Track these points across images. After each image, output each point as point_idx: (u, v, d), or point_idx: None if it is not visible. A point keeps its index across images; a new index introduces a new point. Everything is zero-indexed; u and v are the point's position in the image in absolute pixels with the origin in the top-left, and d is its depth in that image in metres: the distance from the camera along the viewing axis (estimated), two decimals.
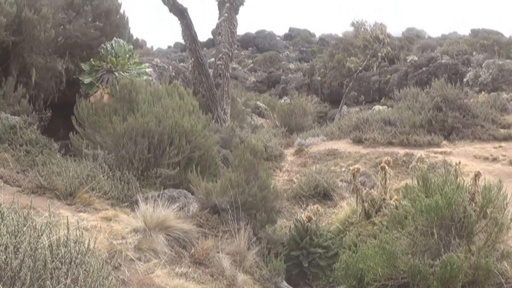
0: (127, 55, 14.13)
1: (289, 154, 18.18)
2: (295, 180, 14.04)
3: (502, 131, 17.18)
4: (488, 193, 6.36)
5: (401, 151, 15.35)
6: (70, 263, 3.76)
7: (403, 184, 9.83)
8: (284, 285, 7.82)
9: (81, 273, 3.75)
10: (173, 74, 18.52)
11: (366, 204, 9.07)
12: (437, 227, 6.16)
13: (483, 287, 5.96)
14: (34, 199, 7.18)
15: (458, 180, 7.09)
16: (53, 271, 3.62)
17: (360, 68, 34.55)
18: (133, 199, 8.19)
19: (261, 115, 31.45)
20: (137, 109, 10.52)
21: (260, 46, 60.56)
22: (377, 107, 27.73)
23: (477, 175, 7.47)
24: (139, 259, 6.10)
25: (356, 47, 37.18)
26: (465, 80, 28.00)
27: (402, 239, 6.58)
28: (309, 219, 8.52)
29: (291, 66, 49.73)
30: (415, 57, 33.83)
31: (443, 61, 31.09)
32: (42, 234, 3.84)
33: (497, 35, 38.15)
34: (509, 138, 16.45)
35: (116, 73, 13.41)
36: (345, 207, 10.32)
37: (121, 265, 5.75)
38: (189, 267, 6.42)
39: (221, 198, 7.86)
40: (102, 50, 13.89)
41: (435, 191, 6.41)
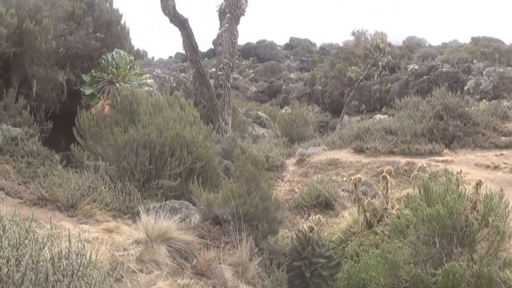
0: (128, 66, 14.17)
1: (290, 164, 18.17)
2: (296, 190, 14.02)
3: (503, 138, 17.17)
4: (489, 201, 6.36)
5: (402, 160, 15.33)
6: (72, 276, 3.76)
7: (404, 193, 9.81)
8: None
9: (83, 285, 3.75)
10: (174, 85, 18.56)
11: (367, 214, 9.06)
12: (439, 236, 6.16)
13: None
14: (35, 211, 7.17)
15: (460, 189, 7.09)
16: (55, 283, 3.63)
17: (361, 77, 34.60)
18: (134, 211, 8.18)
19: (262, 125, 31.49)
20: (138, 120, 10.53)
21: (261, 56, 60.66)
22: (378, 116, 27.76)
23: (479, 183, 7.46)
24: (141, 270, 6.08)
25: (356, 56, 37.26)
26: (466, 88, 28.04)
27: (404, 248, 6.57)
28: (311, 229, 8.50)
29: (292, 75, 49.80)
30: (416, 65, 33.87)
31: (443, 69, 31.14)
32: (43, 247, 3.84)
33: (497, 43, 38.19)
34: (510, 145, 16.43)
35: (117, 84, 13.44)
36: (347, 216, 10.31)
37: (123, 277, 5.74)
38: (191, 279, 6.41)
39: (222, 209, 7.85)
40: (103, 61, 13.94)
41: (436, 200, 6.41)
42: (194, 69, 19.60)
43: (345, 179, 14.36)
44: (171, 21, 19.14)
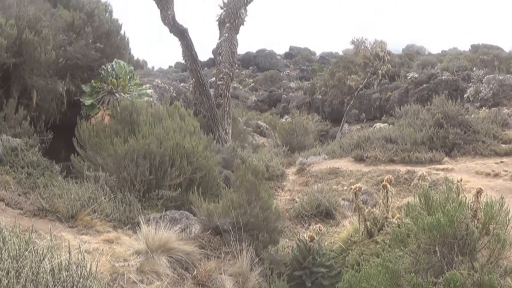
0: (128, 77, 14.19)
1: (290, 173, 18.16)
2: (297, 200, 14.00)
3: (503, 146, 17.16)
4: (490, 209, 6.34)
5: (402, 169, 15.31)
6: (72, 287, 3.75)
7: (405, 202, 9.80)
8: None
9: None
10: (174, 95, 18.61)
11: (368, 223, 9.04)
12: (439, 244, 6.14)
13: None
14: (35, 221, 7.16)
15: (460, 197, 7.08)
16: None
17: (361, 85, 34.61)
18: (135, 221, 8.18)
19: (262, 134, 31.46)
20: (138, 130, 10.54)
21: (260, 65, 60.70)
22: (378, 124, 27.76)
23: (479, 191, 7.45)
24: (142, 281, 6.08)
25: (356, 65, 37.28)
26: (465, 96, 28.04)
27: (405, 257, 6.55)
28: (312, 238, 8.49)
29: (292, 84, 49.80)
30: (416, 74, 33.90)
31: (443, 77, 31.16)
32: (44, 258, 3.84)
33: (497, 50, 38.28)
34: (510, 153, 16.41)
35: (117, 95, 13.46)
36: (348, 226, 10.29)
37: None
38: None
39: (223, 219, 7.84)
40: (102, 72, 13.97)
41: (437, 209, 6.40)
42: (194, 79, 19.64)
43: (345, 188, 14.34)
44: (171, 31, 19.18)
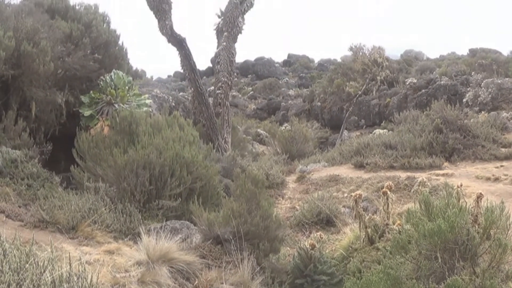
0: (127, 87, 14.21)
1: (291, 181, 18.14)
2: (297, 208, 13.98)
3: (503, 150, 17.13)
4: (490, 214, 6.35)
5: (402, 175, 15.30)
6: None
7: (405, 208, 9.81)
8: None
9: None
10: (173, 105, 18.62)
11: (369, 230, 9.03)
12: (440, 250, 6.13)
13: None
14: (36, 233, 7.17)
15: (461, 203, 7.07)
16: None
17: (360, 92, 34.62)
18: (135, 232, 8.18)
19: (262, 142, 31.44)
20: (137, 141, 10.55)
21: (259, 73, 60.75)
22: (377, 131, 27.73)
23: (479, 196, 7.45)
24: None
25: (355, 72, 37.31)
26: (464, 100, 28.03)
27: (406, 264, 6.55)
28: (313, 246, 8.48)
29: (291, 92, 49.84)
30: (414, 79, 33.86)
31: (442, 82, 31.14)
32: (44, 271, 3.84)
33: (495, 54, 38.33)
34: (510, 157, 16.39)
35: (116, 105, 13.48)
36: (348, 233, 10.28)
37: None
38: None
39: (223, 229, 7.84)
40: (101, 82, 13.98)
41: (437, 214, 6.39)
42: (192, 88, 19.65)
43: (345, 195, 14.33)
44: (169, 41, 19.21)
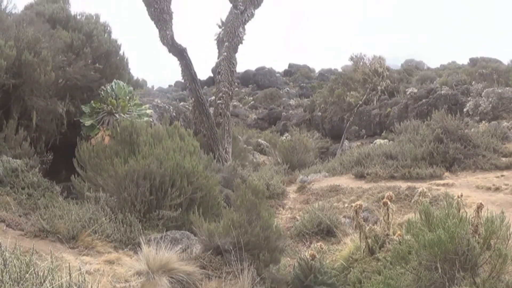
0: (128, 97, 14.24)
1: (291, 191, 18.14)
2: (298, 218, 13.98)
3: (503, 159, 17.12)
4: (491, 224, 6.35)
5: (403, 185, 15.29)
6: None
7: (406, 218, 9.79)
8: None
9: None
10: (174, 115, 18.64)
11: (369, 240, 9.02)
12: (441, 261, 6.14)
13: None
14: (36, 242, 7.19)
15: (461, 213, 7.08)
16: None
17: (360, 102, 34.66)
18: (136, 242, 8.18)
19: (263, 152, 31.44)
20: (138, 151, 10.57)
21: (260, 83, 60.76)
22: (378, 141, 27.72)
23: (479, 206, 7.45)
24: None
25: (355, 81, 37.32)
26: (465, 110, 28.02)
27: (407, 274, 6.54)
28: (313, 257, 8.48)
29: (292, 102, 49.85)
30: (415, 89, 33.87)
31: (442, 92, 31.14)
32: (45, 280, 3.84)
33: (495, 63, 38.38)
34: (510, 166, 16.36)
35: (117, 115, 13.50)
36: (349, 243, 10.27)
37: None
38: None
39: (223, 239, 7.84)
40: (102, 92, 14.02)
41: (437, 225, 6.40)
42: (193, 98, 19.67)
43: (346, 205, 14.32)
44: (170, 51, 19.22)
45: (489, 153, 17.77)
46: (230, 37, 21.46)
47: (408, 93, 33.51)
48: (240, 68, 51.18)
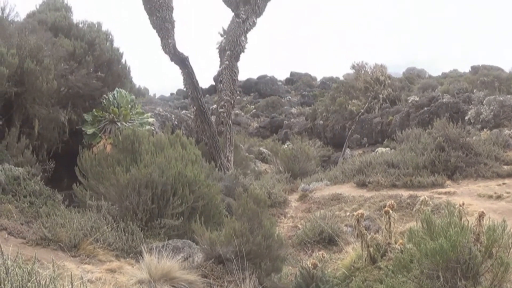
0: (129, 105, 14.26)
1: (293, 200, 18.12)
2: (299, 226, 13.98)
3: (505, 167, 17.09)
4: (492, 233, 6.35)
5: (405, 194, 15.28)
6: None
7: (408, 227, 9.79)
8: None
9: None
10: (176, 123, 18.65)
11: (371, 249, 9.01)
12: (442, 269, 6.13)
13: None
14: (38, 251, 7.19)
15: (463, 221, 7.07)
16: None
17: (362, 110, 34.61)
18: (137, 250, 8.19)
19: (264, 160, 31.41)
20: (140, 159, 10.58)
21: (262, 91, 60.79)
22: (380, 149, 27.68)
23: (481, 215, 7.44)
24: None
25: (357, 90, 37.28)
26: (466, 118, 27.99)
27: (408, 283, 6.53)
28: (315, 265, 8.47)
29: (293, 110, 49.86)
30: (416, 97, 33.87)
31: (444, 100, 31.13)
32: None
33: (497, 71, 38.36)
34: None
35: (119, 124, 13.52)
36: (351, 252, 10.24)
37: None
38: None
39: (225, 248, 7.84)
40: (104, 101, 14.04)
41: (439, 234, 6.39)
42: (195, 107, 19.67)
43: (348, 214, 14.32)
44: (172, 60, 19.21)
45: (491, 161, 17.75)
46: (232, 46, 21.48)
47: (409, 101, 33.51)
48: (242, 77, 51.31)
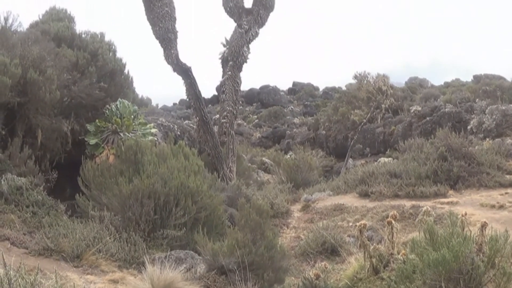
0: (132, 116, 14.28)
1: (295, 210, 18.11)
2: (302, 237, 13.96)
3: (507, 177, 17.07)
4: (495, 243, 6.35)
5: (407, 204, 15.27)
6: None
7: (410, 237, 9.77)
8: None
9: None
10: (179, 133, 18.64)
11: (373, 260, 9.00)
12: (445, 280, 6.13)
13: None
14: (41, 261, 7.22)
15: (465, 232, 7.07)
16: None
17: (364, 120, 34.59)
18: (140, 261, 8.20)
19: (267, 171, 31.37)
20: (142, 170, 10.60)
21: (264, 101, 60.80)
22: (382, 159, 27.63)
23: (484, 225, 7.44)
24: None
25: (359, 100, 37.25)
26: (469, 127, 27.94)
27: None
28: (317, 276, 8.46)
29: (296, 120, 49.83)
30: (419, 107, 33.81)
31: (446, 109, 31.08)
32: None
33: (499, 80, 38.28)
34: None
35: (122, 134, 13.54)
36: (353, 262, 10.21)
37: None
38: None
39: (228, 259, 7.84)
40: (107, 111, 14.07)
41: (442, 244, 6.39)
42: (198, 117, 19.69)
43: (350, 224, 14.30)
44: (174, 70, 19.22)
45: (493, 170, 17.74)
46: (234, 56, 21.51)
47: (412, 111, 33.48)
48: (245, 87, 51.27)
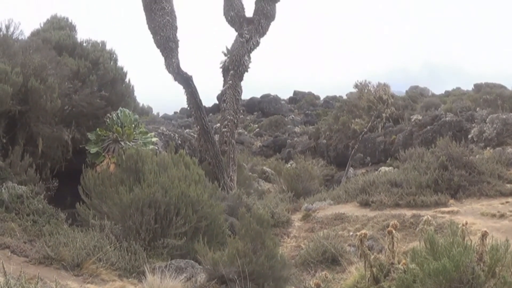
0: (133, 125, 14.29)
1: (296, 219, 18.09)
2: (303, 246, 13.95)
3: (508, 186, 17.05)
4: (495, 252, 6.35)
5: (408, 213, 15.26)
6: None
7: (411, 247, 9.78)
8: None
9: None
10: (179, 142, 18.66)
11: (374, 269, 8.99)
12: None
13: None
14: (41, 270, 7.22)
15: (466, 241, 7.07)
16: None
17: (365, 129, 34.55)
18: (140, 270, 8.20)
19: (268, 180, 31.34)
20: (143, 179, 10.61)
21: (265, 110, 60.77)
22: (383, 168, 27.61)
23: (484, 234, 7.44)
24: None
25: (360, 109, 37.24)
26: (469, 136, 27.91)
27: None
28: (318, 286, 8.45)
29: (297, 129, 49.79)
30: (419, 116, 33.81)
31: (447, 118, 31.07)
32: None
33: (500, 89, 38.24)
34: None
35: (122, 143, 13.55)
36: (354, 272, 10.20)
37: None
38: None
39: (228, 268, 7.84)
40: (108, 120, 14.08)
41: (442, 253, 6.39)
42: (198, 126, 19.68)
43: (351, 233, 14.29)
44: (175, 79, 19.20)
45: (494, 179, 17.73)
46: (235, 65, 21.51)
47: (412, 120, 33.47)
48: (245, 95, 51.29)
